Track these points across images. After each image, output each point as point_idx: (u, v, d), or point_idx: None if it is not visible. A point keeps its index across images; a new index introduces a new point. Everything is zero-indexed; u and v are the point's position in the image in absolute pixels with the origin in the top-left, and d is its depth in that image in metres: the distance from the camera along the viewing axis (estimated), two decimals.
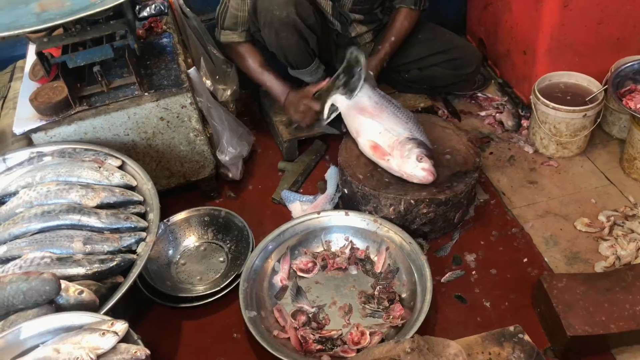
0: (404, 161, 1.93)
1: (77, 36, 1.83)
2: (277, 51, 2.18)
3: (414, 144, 1.96)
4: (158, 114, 1.98)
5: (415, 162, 1.91)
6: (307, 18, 2.09)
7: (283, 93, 2.30)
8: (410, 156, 1.92)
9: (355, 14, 2.30)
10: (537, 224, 2.07)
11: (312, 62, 2.22)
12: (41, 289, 1.38)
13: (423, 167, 1.91)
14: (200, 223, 2.12)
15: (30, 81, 2.05)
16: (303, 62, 2.21)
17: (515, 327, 1.57)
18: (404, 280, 1.89)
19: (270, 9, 2.03)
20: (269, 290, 1.90)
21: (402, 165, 1.94)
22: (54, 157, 1.86)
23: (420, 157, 1.92)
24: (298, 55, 2.17)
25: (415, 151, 1.93)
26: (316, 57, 2.23)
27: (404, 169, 1.94)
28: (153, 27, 2.24)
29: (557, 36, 2.26)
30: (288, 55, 2.18)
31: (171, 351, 1.80)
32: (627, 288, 1.69)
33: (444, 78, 2.40)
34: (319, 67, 2.26)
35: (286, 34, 2.08)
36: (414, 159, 1.91)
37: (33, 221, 1.66)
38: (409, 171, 1.93)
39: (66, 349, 1.26)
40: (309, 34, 2.11)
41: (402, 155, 1.94)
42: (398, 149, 1.96)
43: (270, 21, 2.06)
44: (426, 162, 1.92)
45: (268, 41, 2.16)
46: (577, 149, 2.31)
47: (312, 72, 2.25)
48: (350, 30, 2.32)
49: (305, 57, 2.19)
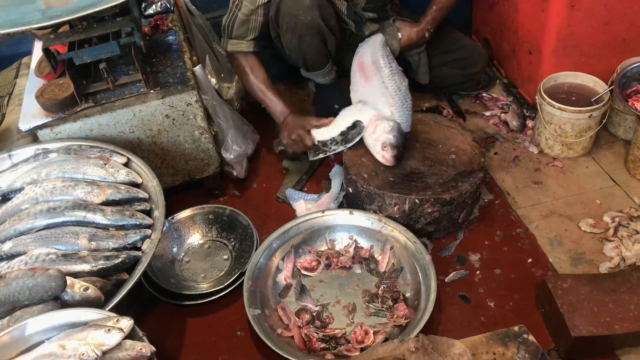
0: (373, 143, 2.03)
1: (84, 33, 1.84)
2: (296, 54, 2.15)
3: (386, 126, 2.01)
4: (163, 112, 1.98)
5: (380, 148, 2.01)
6: (329, 20, 2.08)
7: (283, 114, 2.22)
8: (378, 139, 2.01)
9: (368, 12, 2.29)
10: (542, 225, 2.07)
11: (327, 64, 2.21)
12: (47, 285, 1.38)
13: (383, 155, 2.01)
14: (204, 221, 2.12)
15: (36, 78, 2.06)
16: (319, 64, 2.20)
17: (520, 328, 1.57)
18: (408, 279, 1.89)
19: (295, 13, 2.00)
20: (273, 288, 1.90)
21: (371, 146, 2.05)
22: (60, 153, 1.86)
23: (385, 145, 2.00)
24: (317, 58, 2.16)
25: (383, 137, 2.00)
26: (331, 58, 2.22)
27: (372, 149, 2.05)
28: (159, 24, 2.25)
29: (563, 36, 2.25)
30: (307, 58, 2.15)
31: (175, 348, 1.81)
32: (632, 289, 1.69)
33: (451, 78, 2.40)
34: (332, 69, 2.25)
35: (309, 38, 2.06)
36: (380, 145, 2.01)
37: (38, 217, 1.66)
38: (374, 153, 2.05)
39: (72, 345, 1.26)
40: (329, 36, 2.10)
41: (372, 135, 2.03)
42: (372, 127, 2.03)
43: (294, 26, 2.03)
44: (388, 152, 2.01)
45: (289, 46, 2.13)
46: (582, 150, 2.31)
47: (326, 73, 2.24)
48: (364, 30, 2.32)
49: (323, 59, 2.18)
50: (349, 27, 2.29)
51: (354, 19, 2.29)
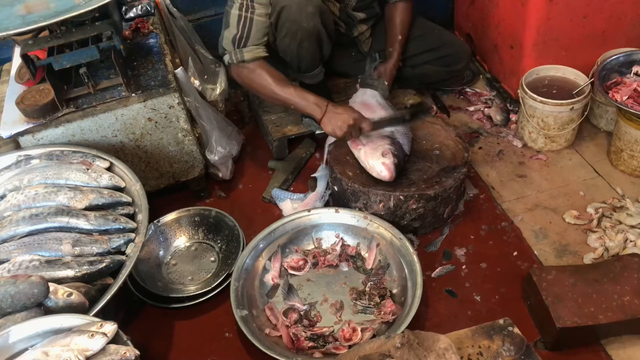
0: (372, 152, 1.97)
1: (63, 38, 1.83)
2: (291, 58, 2.11)
3: (389, 141, 2.00)
4: (146, 115, 1.98)
5: (380, 155, 1.95)
6: (328, 26, 2.06)
7: (322, 105, 2.00)
8: (378, 149, 1.97)
9: (359, 12, 2.30)
10: (527, 218, 2.09)
11: (318, 66, 2.20)
12: (29, 292, 1.38)
13: (383, 162, 1.93)
14: (190, 223, 2.12)
15: (16, 84, 2.04)
16: (312, 67, 2.18)
17: (505, 320, 1.58)
18: (394, 276, 1.90)
19: (298, 20, 1.96)
20: (260, 288, 1.90)
21: (368, 155, 1.98)
22: (42, 159, 1.86)
23: (386, 152, 1.95)
24: (311, 62, 2.14)
25: (386, 147, 1.97)
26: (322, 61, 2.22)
27: (368, 158, 1.97)
28: (140, 27, 2.23)
29: (543, 30, 2.27)
30: (302, 63, 2.13)
31: (163, 352, 1.80)
32: (615, 279, 1.70)
33: (435, 75, 2.41)
34: (322, 71, 2.24)
35: (308, 44, 2.04)
36: (380, 152, 1.95)
37: (21, 224, 1.65)
38: (371, 162, 1.96)
39: (55, 351, 1.26)
40: (327, 42, 2.10)
41: (372, 147, 1.98)
42: (373, 142, 2.00)
43: (295, 32, 1.99)
44: (389, 158, 1.94)
45: (286, 49, 2.08)
46: (565, 142, 2.33)
47: (315, 75, 2.23)
48: (353, 31, 2.32)
49: (316, 63, 2.17)
50: (340, 27, 2.29)
51: (346, 20, 2.30)
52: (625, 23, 2.30)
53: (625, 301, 1.64)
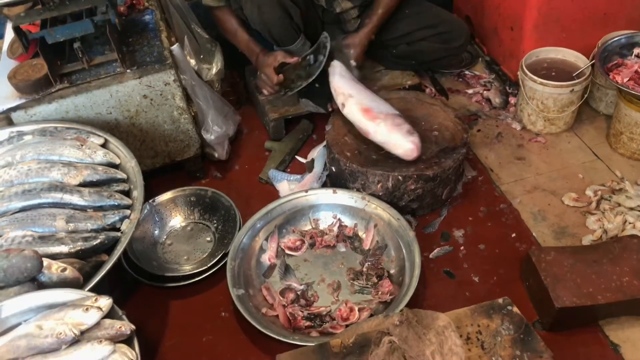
0: (395, 129, 1.93)
1: (56, 10, 1.79)
2: (260, 27, 2.14)
3: (404, 119, 1.98)
4: (141, 92, 1.94)
5: (407, 133, 1.93)
6: None
7: (253, 54, 2.29)
8: (402, 127, 1.94)
9: None
10: (525, 200, 2.07)
11: (297, 39, 2.18)
12: (22, 266, 1.35)
13: (413, 140, 1.91)
14: (186, 203, 2.09)
15: (8, 59, 2.00)
16: (288, 39, 2.17)
17: (504, 300, 1.57)
18: (392, 256, 1.88)
19: None
20: (257, 268, 1.88)
21: (392, 131, 1.93)
22: (35, 135, 1.82)
23: (412, 132, 1.93)
24: (283, 31, 2.13)
25: (407, 126, 1.95)
26: (302, 33, 2.19)
27: (393, 136, 1.93)
28: (135, 4, 2.20)
29: (544, 11, 2.24)
30: (272, 31, 2.13)
31: (159, 330, 1.78)
32: (614, 260, 1.69)
33: (433, 52, 2.38)
34: (305, 44, 2.22)
35: (269, 9, 2.04)
36: (406, 130, 1.93)
37: (14, 200, 1.62)
38: (396, 140, 1.93)
39: (49, 325, 1.24)
40: (292, 7, 2.08)
41: (393, 124, 1.95)
42: (390, 119, 1.96)
43: None
44: (416, 137, 1.93)
45: (251, 18, 2.12)
46: (564, 125, 2.31)
47: (298, 49, 2.21)
48: (335, 6, 2.29)
49: (290, 32, 2.15)
50: (320, 2, 2.26)
51: None
52: (626, 5, 2.27)
53: (625, 282, 1.64)
